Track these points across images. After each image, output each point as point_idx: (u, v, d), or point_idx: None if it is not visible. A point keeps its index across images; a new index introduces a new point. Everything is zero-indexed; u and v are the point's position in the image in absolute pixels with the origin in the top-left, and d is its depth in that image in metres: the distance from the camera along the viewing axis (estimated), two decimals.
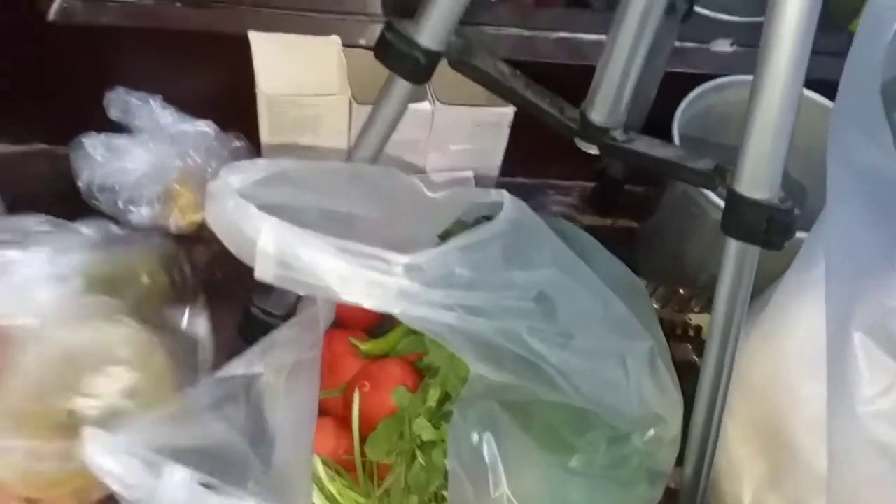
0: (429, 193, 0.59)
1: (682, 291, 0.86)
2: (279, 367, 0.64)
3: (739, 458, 0.72)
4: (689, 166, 0.57)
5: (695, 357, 0.85)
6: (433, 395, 0.64)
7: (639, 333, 0.61)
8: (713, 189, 0.56)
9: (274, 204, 0.50)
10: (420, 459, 0.61)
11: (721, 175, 0.55)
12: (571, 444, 0.60)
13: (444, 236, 0.62)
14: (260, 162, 0.52)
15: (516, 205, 0.58)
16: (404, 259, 0.47)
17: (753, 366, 0.69)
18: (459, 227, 0.62)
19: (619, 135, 0.61)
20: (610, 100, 0.59)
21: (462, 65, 0.59)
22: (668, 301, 0.86)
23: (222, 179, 0.49)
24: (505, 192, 0.59)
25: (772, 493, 0.69)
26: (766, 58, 0.49)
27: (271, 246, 0.46)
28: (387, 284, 0.47)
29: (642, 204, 0.98)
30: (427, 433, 0.62)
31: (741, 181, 0.52)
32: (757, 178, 0.52)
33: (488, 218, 0.56)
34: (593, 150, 0.63)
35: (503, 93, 0.61)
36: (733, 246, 0.55)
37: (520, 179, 1.02)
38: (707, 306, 0.85)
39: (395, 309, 0.48)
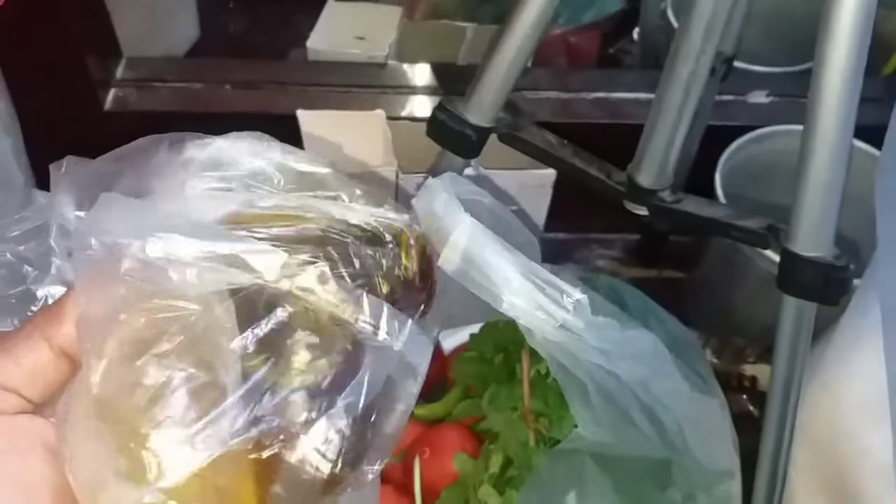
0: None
1: (735, 342, 0.86)
2: None
3: None
4: (740, 225, 0.58)
5: (751, 408, 0.84)
6: (496, 461, 0.64)
7: (709, 390, 0.61)
8: (766, 248, 0.57)
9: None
10: None
11: (774, 234, 0.55)
12: (652, 499, 0.60)
13: None
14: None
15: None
16: (577, 294, 0.48)
17: (815, 416, 0.69)
18: None
19: (667, 196, 0.62)
20: (657, 163, 0.60)
21: (511, 138, 0.60)
22: (722, 352, 0.86)
23: (441, 179, 0.49)
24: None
25: None
26: (813, 117, 0.50)
27: (464, 240, 0.46)
28: (553, 312, 0.47)
29: (687, 254, 0.99)
30: (493, 500, 0.62)
31: (795, 240, 0.53)
32: (811, 237, 0.53)
33: None
34: (642, 212, 0.64)
35: (552, 162, 0.62)
36: (790, 302, 0.56)
37: (562, 235, 1.03)
38: (762, 356, 0.85)
39: (553, 337, 0.48)
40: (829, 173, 0.50)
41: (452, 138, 0.59)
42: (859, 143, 0.86)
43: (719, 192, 0.83)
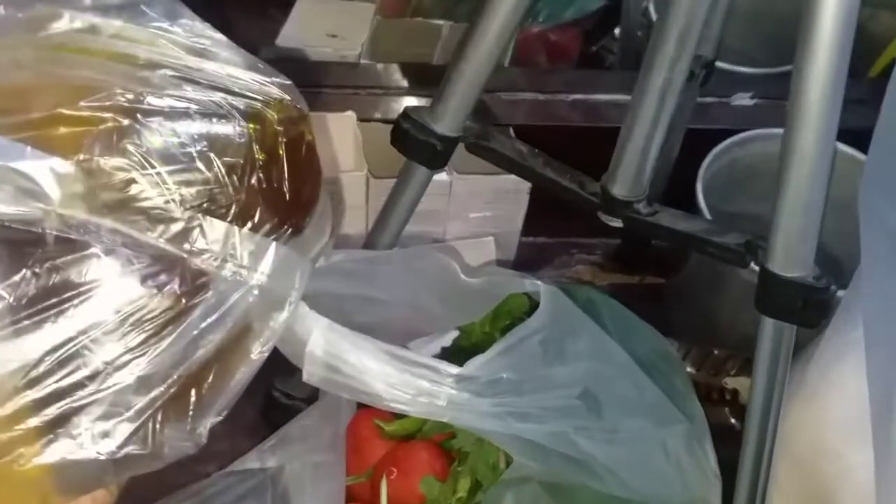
0: (463, 277, 0.58)
1: (716, 353, 0.84)
2: (304, 458, 0.63)
3: None
4: (717, 241, 0.55)
5: (732, 421, 0.82)
6: (463, 485, 0.62)
7: (674, 416, 0.59)
8: (744, 266, 0.54)
9: (322, 292, 0.49)
10: None
11: (752, 251, 0.53)
12: None
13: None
14: None
15: (552, 296, 0.57)
16: (454, 370, 0.47)
17: (797, 432, 0.67)
18: None
19: (642, 207, 0.59)
20: (632, 174, 0.58)
21: (479, 148, 0.58)
22: (703, 363, 0.84)
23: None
24: (541, 283, 0.58)
25: None
26: (792, 130, 0.47)
27: (320, 349, 0.45)
28: (436, 394, 0.46)
29: (669, 260, 0.96)
30: None
31: (774, 260, 0.51)
32: (790, 256, 0.50)
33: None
34: (616, 224, 0.61)
35: (522, 172, 0.60)
36: (769, 323, 0.53)
37: (542, 239, 1.00)
38: (743, 368, 0.83)
39: (443, 417, 0.47)
40: (810, 191, 0.48)
41: (417, 148, 0.56)
42: (844, 147, 0.83)
43: (700, 197, 0.80)
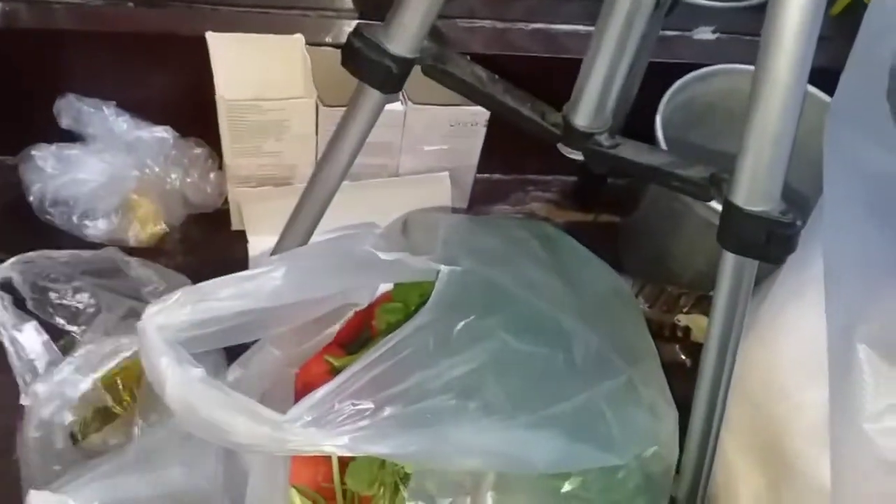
0: (375, 252, 0.60)
1: (669, 290, 0.83)
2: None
3: (736, 470, 0.69)
4: (681, 174, 0.53)
5: (683, 357, 0.82)
6: None
7: (612, 369, 0.59)
8: (707, 200, 0.53)
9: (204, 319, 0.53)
10: (403, 492, 0.58)
11: (716, 185, 0.51)
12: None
13: None
14: (183, 295, 0.53)
15: (453, 278, 0.59)
16: (278, 417, 0.49)
17: (749, 371, 0.66)
18: None
19: (604, 139, 0.57)
20: (594, 103, 0.55)
21: (436, 71, 0.54)
22: (656, 301, 0.83)
23: (145, 321, 0.51)
24: (443, 268, 0.60)
25: None
26: (766, 57, 0.45)
27: (176, 403, 0.48)
28: (283, 438, 0.49)
29: (625, 198, 0.95)
30: (409, 465, 0.58)
31: (738, 193, 0.49)
32: (756, 190, 0.48)
33: None
34: (577, 157, 0.59)
35: (481, 99, 0.57)
36: (730, 259, 0.52)
37: (497, 175, 0.98)
38: (696, 305, 0.83)
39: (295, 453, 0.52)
40: (781, 121, 0.46)
41: (371, 70, 0.53)
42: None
43: (659, 133, 0.79)
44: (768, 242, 0.49)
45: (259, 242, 0.84)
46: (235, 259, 0.84)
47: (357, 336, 0.74)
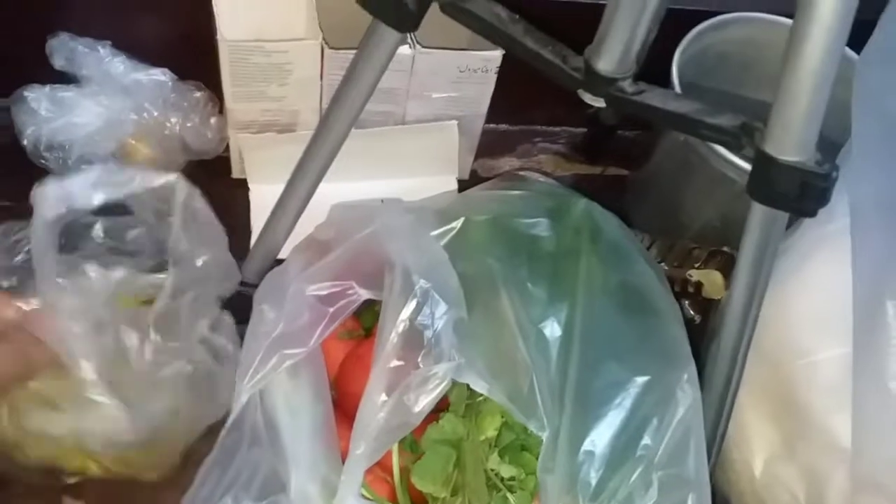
0: None
1: (681, 245, 0.81)
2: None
3: (750, 425, 0.68)
4: (710, 122, 0.51)
5: (692, 314, 0.80)
6: (491, 423, 0.59)
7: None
8: (738, 149, 0.50)
9: None
10: (511, 499, 0.57)
11: (748, 134, 0.49)
12: None
13: None
14: None
15: None
16: None
17: (765, 328, 0.65)
18: None
19: (628, 86, 0.54)
20: (620, 47, 0.52)
21: (455, 9, 0.52)
22: (667, 255, 0.81)
23: None
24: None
25: (785, 462, 0.65)
26: (810, 4, 0.42)
27: None
28: None
29: (633, 151, 0.93)
30: (506, 470, 0.58)
31: (772, 141, 0.47)
32: (791, 139, 0.46)
33: None
34: (599, 104, 0.56)
35: (500, 40, 0.54)
36: (759, 211, 0.50)
37: (504, 126, 0.96)
38: (707, 261, 0.81)
39: None
40: (822, 66, 0.43)
41: (387, 7, 0.50)
42: None
43: (676, 81, 0.76)
44: (802, 194, 0.48)
45: (261, 191, 0.82)
46: (236, 208, 0.82)
47: None
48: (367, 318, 0.70)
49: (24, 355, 0.57)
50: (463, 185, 0.88)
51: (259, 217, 0.79)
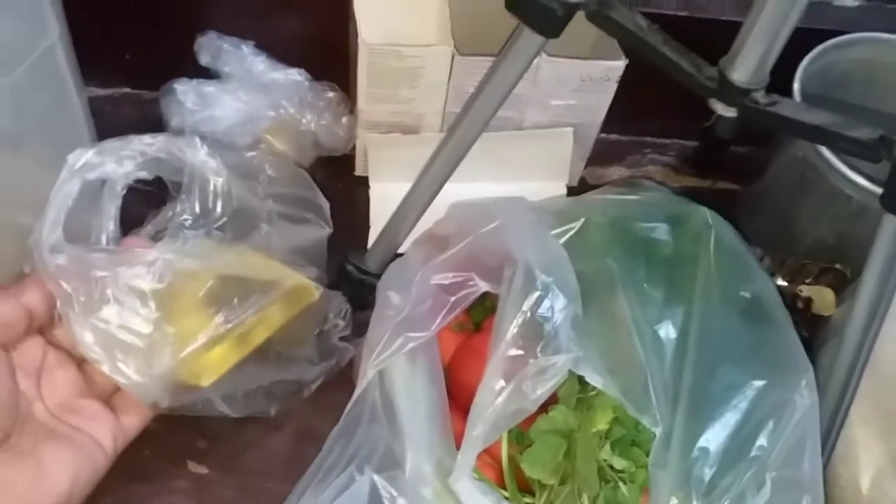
0: None
1: (792, 260, 0.81)
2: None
3: (858, 441, 0.68)
4: (847, 134, 0.52)
5: (801, 331, 0.80)
6: (602, 417, 0.61)
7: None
8: (876, 161, 0.51)
9: None
10: (623, 489, 0.59)
11: (887, 146, 0.50)
12: None
13: None
14: None
15: None
16: None
17: (881, 347, 0.65)
18: None
19: (761, 97, 0.56)
20: (756, 59, 0.54)
21: (600, 17, 0.54)
22: (778, 270, 0.82)
23: None
24: None
25: (893, 479, 0.65)
26: None
27: None
28: None
29: (745, 165, 0.93)
30: (618, 462, 0.60)
31: None
32: None
33: None
34: (731, 113, 0.58)
35: (640, 48, 0.56)
36: (892, 224, 0.51)
37: (615, 136, 0.97)
38: (818, 277, 0.81)
39: None
40: None
41: (536, 12, 0.53)
42: None
43: (798, 98, 0.77)
44: None
45: (381, 189, 0.86)
46: (357, 203, 0.86)
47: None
48: (477, 313, 0.73)
49: None
50: (571, 192, 0.90)
51: (378, 212, 0.83)
